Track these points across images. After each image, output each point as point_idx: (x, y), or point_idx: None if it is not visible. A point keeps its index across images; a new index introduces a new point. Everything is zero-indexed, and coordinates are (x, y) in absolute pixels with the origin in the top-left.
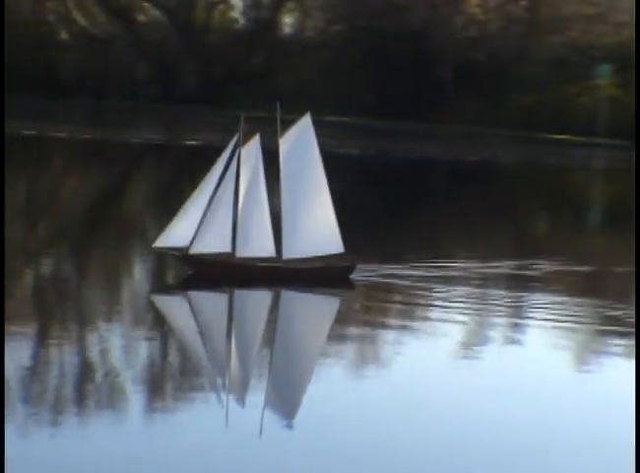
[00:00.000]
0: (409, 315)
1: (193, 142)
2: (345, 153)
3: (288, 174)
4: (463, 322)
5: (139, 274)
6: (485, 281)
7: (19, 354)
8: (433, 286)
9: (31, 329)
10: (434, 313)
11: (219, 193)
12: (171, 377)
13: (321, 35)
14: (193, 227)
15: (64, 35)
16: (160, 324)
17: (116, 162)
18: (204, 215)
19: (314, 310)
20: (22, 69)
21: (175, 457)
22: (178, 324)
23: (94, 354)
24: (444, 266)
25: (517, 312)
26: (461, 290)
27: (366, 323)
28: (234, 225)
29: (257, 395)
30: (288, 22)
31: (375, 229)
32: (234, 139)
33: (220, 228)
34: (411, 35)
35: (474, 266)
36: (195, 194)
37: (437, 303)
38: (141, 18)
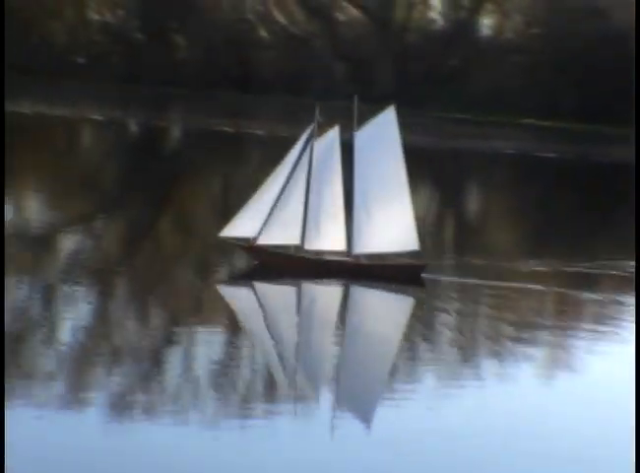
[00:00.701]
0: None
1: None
2: (543, 156)
3: (363, 168)
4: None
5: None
6: None
7: (210, 349)
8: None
9: (222, 324)
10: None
11: (290, 185)
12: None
13: (520, 38)
14: (262, 218)
15: (263, 34)
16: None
17: None
18: (273, 206)
19: (391, 308)
20: (221, 66)
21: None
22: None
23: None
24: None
25: None
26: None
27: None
28: (304, 217)
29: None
30: (486, 23)
31: (567, 231)
32: (308, 130)
33: (289, 219)
34: (610, 39)
35: None
36: (265, 185)
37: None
38: (340, 17)
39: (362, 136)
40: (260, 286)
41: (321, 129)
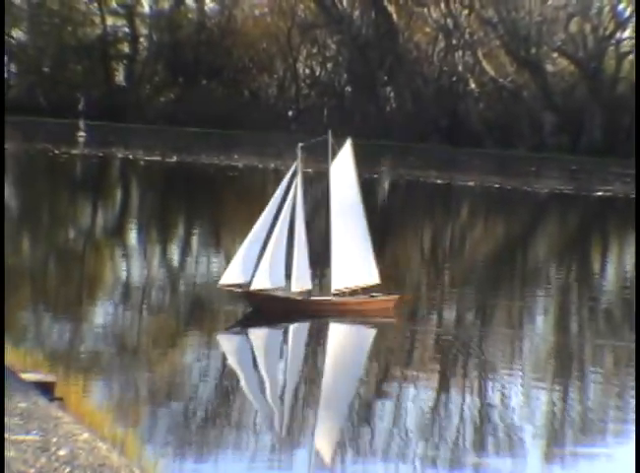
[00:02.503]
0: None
1: (600, 193)
2: None
3: (333, 204)
4: None
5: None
6: None
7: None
8: None
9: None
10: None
11: (275, 226)
12: None
13: None
14: (252, 262)
15: (472, 85)
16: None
17: (522, 210)
18: (262, 249)
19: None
20: (430, 118)
21: None
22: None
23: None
24: None
25: None
26: None
27: None
28: (288, 258)
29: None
30: None
31: None
32: (291, 170)
33: (274, 262)
34: None
35: None
36: (254, 228)
37: None
38: (549, 68)
39: (334, 171)
40: (253, 331)
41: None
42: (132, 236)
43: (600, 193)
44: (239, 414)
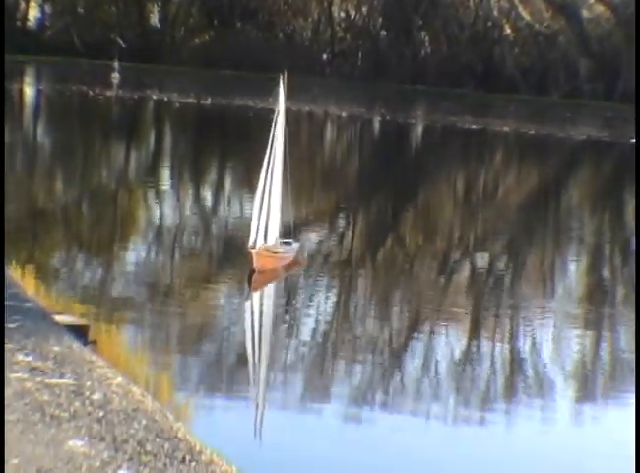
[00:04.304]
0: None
1: (635, 140)
2: None
3: (277, 149)
4: None
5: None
6: None
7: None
8: None
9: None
10: None
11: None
12: None
13: None
14: (257, 220)
15: (507, 30)
16: None
17: (556, 157)
18: (260, 207)
19: None
20: (465, 63)
21: None
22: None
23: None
24: None
25: None
26: None
27: None
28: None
29: None
30: None
31: None
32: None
33: (266, 219)
34: None
35: None
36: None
37: None
38: (586, 13)
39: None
40: (286, 278)
41: None
42: (165, 179)
43: (635, 140)
44: (269, 357)
